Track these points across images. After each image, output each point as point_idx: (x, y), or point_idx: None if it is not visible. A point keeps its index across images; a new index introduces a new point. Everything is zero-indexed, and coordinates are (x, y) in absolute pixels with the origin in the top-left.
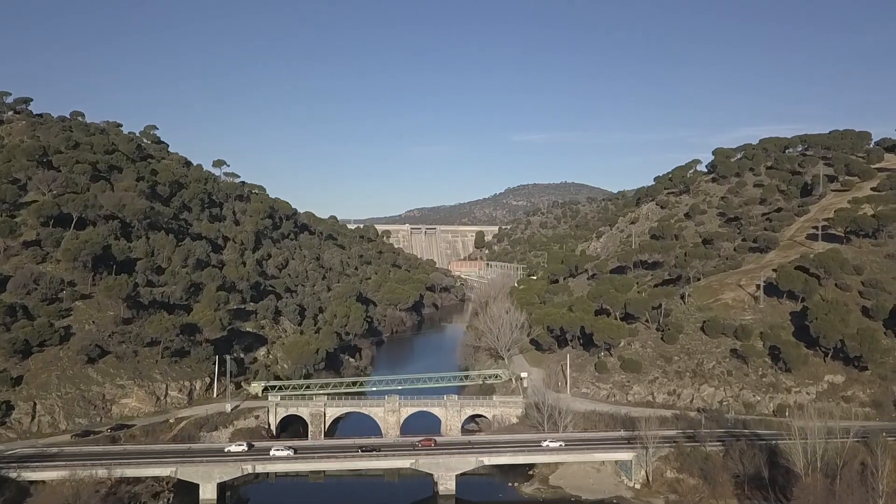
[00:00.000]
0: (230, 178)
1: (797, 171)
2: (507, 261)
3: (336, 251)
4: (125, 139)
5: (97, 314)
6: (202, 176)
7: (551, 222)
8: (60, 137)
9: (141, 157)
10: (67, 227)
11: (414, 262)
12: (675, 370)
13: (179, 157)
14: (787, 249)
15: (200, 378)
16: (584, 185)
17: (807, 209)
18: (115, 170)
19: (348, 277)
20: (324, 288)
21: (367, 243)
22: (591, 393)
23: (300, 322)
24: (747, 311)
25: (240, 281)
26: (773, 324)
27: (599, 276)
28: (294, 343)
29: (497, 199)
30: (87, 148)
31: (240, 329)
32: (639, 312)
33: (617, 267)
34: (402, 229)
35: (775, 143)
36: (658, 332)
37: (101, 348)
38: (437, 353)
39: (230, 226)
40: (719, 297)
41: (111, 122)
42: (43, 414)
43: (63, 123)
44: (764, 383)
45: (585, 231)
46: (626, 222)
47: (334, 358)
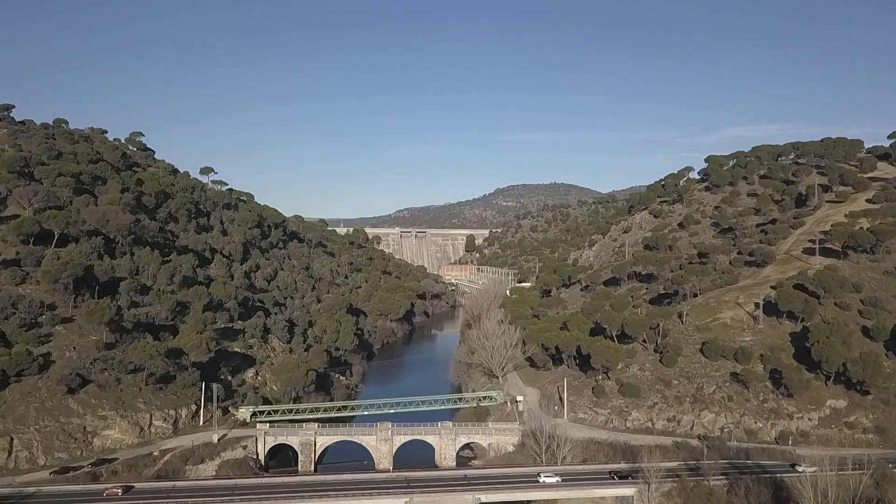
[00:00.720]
0: (218, 186)
1: (791, 180)
2: (498, 265)
3: (326, 259)
4: (110, 147)
5: (78, 339)
6: (189, 185)
7: (542, 226)
8: (43, 147)
9: (126, 165)
10: (49, 244)
11: (404, 268)
12: (675, 395)
13: (166, 165)
14: (784, 264)
15: (186, 405)
16: (574, 186)
17: (802, 221)
18: (99, 181)
19: (338, 287)
20: (313, 300)
21: (357, 249)
22: (589, 418)
23: (289, 339)
24: (746, 331)
25: (227, 299)
26: (773, 345)
27: (593, 288)
28: (283, 365)
29: (486, 200)
30: (70, 158)
31: (227, 349)
32: (636, 333)
33: (611, 278)
34: (391, 233)
35: (768, 151)
36: (656, 353)
37: (82, 377)
38: (428, 365)
39: (217, 236)
40: (717, 317)
41: (96, 129)
42: (20, 449)
43: (46, 131)
44: (765, 409)
45: (576, 236)
46: (618, 231)
47: (324, 378)
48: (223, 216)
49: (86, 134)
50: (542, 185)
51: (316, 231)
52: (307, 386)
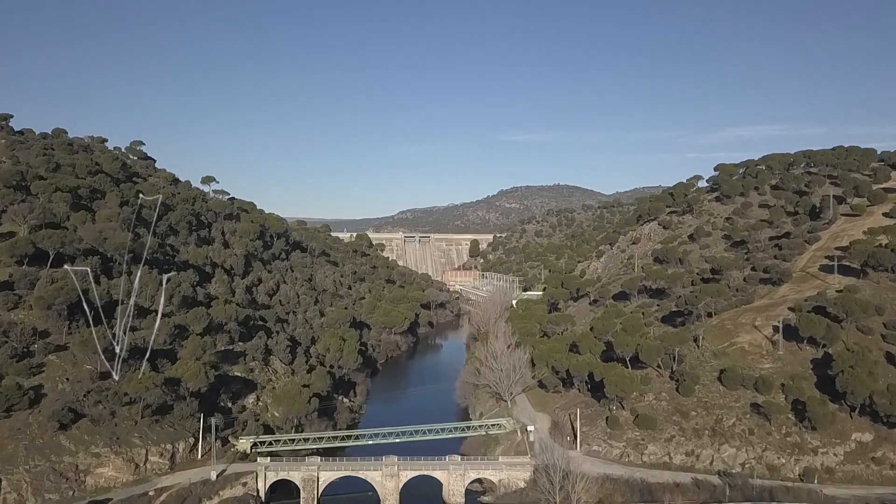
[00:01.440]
0: (219, 196)
1: (803, 191)
2: (503, 271)
3: (329, 269)
4: (109, 158)
5: (72, 369)
6: (190, 195)
7: (546, 230)
8: (41, 159)
9: (126, 175)
10: (44, 264)
11: (408, 276)
12: (693, 427)
13: (167, 175)
14: (801, 282)
15: (184, 438)
16: (577, 188)
17: (818, 236)
18: (98, 194)
19: (341, 299)
20: (316, 313)
21: (360, 258)
22: (603, 451)
23: (292, 360)
24: (766, 357)
25: (227, 321)
26: (794, 373)
27: (602, 303)
28: (285, 392)
29: (490, 202)
30: (68, 170)
31: (227, 373)
32: (651, 360)
33: (620, 292)
34: (395, 238)
35: (779, 161)
36: (672, 380)
37: (75, 411)
38: (433, 382)
39: (219, 249)
40: (734, 341)
41: (96, 138)
42: (9, 491)
43: (45, 141)
44: (788, 443)
45: (581, 242)
46: (627, 241)
47: (327, 401)
48: (224, 227)
49: (85, 143)
50: (545, 187)
51: (319, 240)
52: (309, 413)
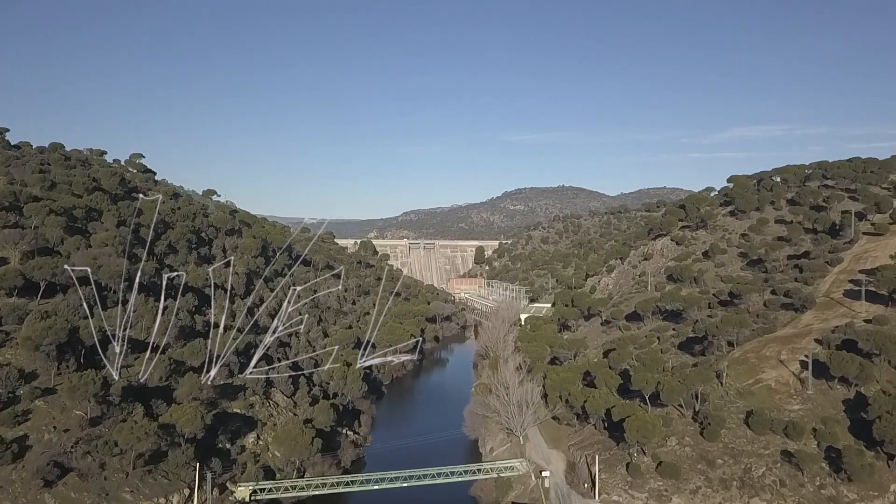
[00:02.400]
0: (221, 211)
1: (821, 205)
2: (509, 279)
3: (332, 283)
4: (108, 173)
5: (60, 416)
6: (190, 212)
7: (553, 237)
8: (36, 176)
9: (126, 191)
10: (35, 295)
11: (413, 288)
12: (720, 477)
13: (167, 188)
14: (826, 309)
15: (179, 490)
16: (582, 189)
17: (840, 257)
18: (94, 213)
19: (345, 316)
20: (320, 334)
21: (364, 269)
22: (624, 502)
23: (294, 392)
24: (794, 397)
25: (226, 354)
26: (825, 416)
27: (614, 324)
28: (286, 433)
29: (494, 204)
30: (65, 188)
31: (226, 410)
32: (672, 400)
33: (633, 312)
34: (400, 244)
35: (794, 173)
36: (695, 422)
37: (62, 466)
38: (441, 405)
39: (219, 269)
40: (760, 378)
41: (95, 150)
42: None
43: (42, 156)
44: (823, 497)
45: (588, 250)
46: (638, 256)
47: (331, 437)
48: (226, 243)
49: (84, 156)
50: (549, 189)
51: (322, 251)
52: (312, 454)
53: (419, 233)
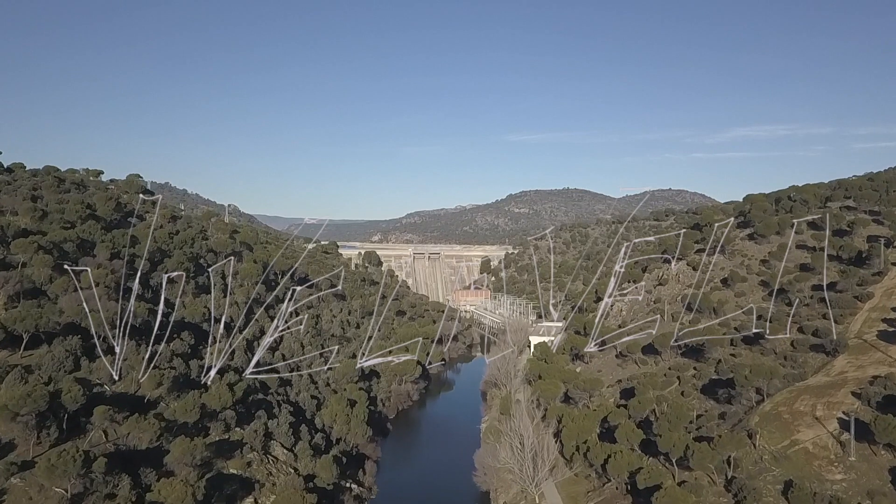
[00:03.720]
0: (221, 234)
1: (844, 230)
2: (515, 291)
3: (336, 306)
4: (103, 198)
5: (38, 496)
6: (189, 236)
7: (559, 247)
8: (27, 206)
9: (122, 216)
10: (18, 346)
11: (419, 306)
12: None
13: (165, 210)
14: (860, 354)
15: None
16: (587, 192)
17: (870, 292)
18: (87, 245)
19: (349, 342)
20: (322, 366)
21: (369, 286)
22: None
23: (294, 442)
24: (835, 465)
25: (223, 408)
26: (871, 488)
27: (631, 358)
28: (286, 499)
29: (499, 207)
30: (56, 217)
31: (221, 472)
32: (703, 467)
33: (650, 345)
34: (404, 254)
35: (814, 193)
36: (727, 492)
37: None
38: (449, 441)
39: (219, 298)
40: (796, 439)
41: (91, 171)
42: None
43: (34, 180)
44: None
45: (597, 262)
46: (652, 281)
47: (334, 495)
48: (225, 269)
49: (79, 179)
50: (554, 191)
51: (326, 267)
52: None
53: (423, 236)
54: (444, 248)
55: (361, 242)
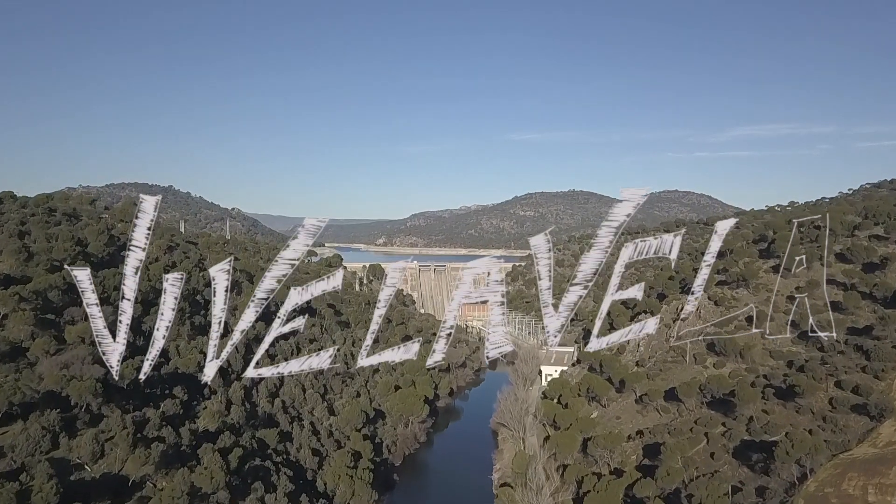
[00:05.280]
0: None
1: (875, 263)
2: (523, 307)
3: (339, 335)
4: (94, 231)
5: None
6: (186, 268)
7: (568, 259)
8: (12, 247)
9: (116, 249)
10: None
11: (426, 329)
12: None
13: (161, 242)
14: None
15: None
16: (592, 194)
17: None
18: (75, 291)
19: (353, 380)
20: (325, 412)
21: (374, 309)
22: None
23: None
24: None
25: (216, 489)
26: None
27: (651, 405)
28: None
29: (504, 210)
30: (44, 258)
31: None
32: None
33: (671, 390)
34: (409, 267)
35: (840, 220)
36: None
37: None
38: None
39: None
40: None
41: (85, 196)
42: None
43: (24, 211)
44: None
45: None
46: (670, 314)
47: None
48: None
49: (71, 208)
50: (560, 193)
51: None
52: None
53: (428, 240)
54: (449, 253)
55: (366, 245)
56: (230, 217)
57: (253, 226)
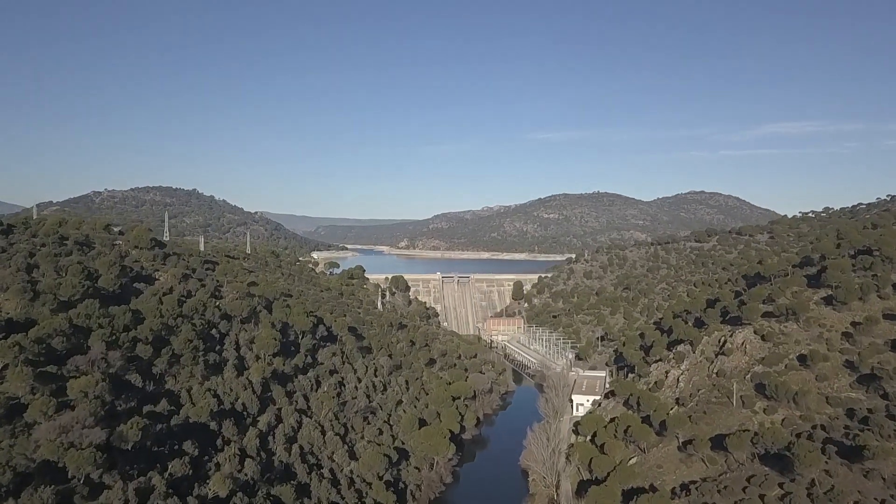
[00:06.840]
0: (236, 296)
1: None
2: (550, 322)
3: (360, 363)
4: (105, 263)
5: None
6: (200, 302)
7: (596, 271)
8: (17, 286)
9: (129, 280)
10: None
11: (450, 353)
12: None
13: (175, 271)
14: None
15: None
16: (617, 196)
17: None
18: (81, 334)
19: (375, 416)
20: (345, 458)
21: (397, 331)
22: None
23: None
24: None
25: None
26: None
27: (697, 455)
28: None
29: (527, 212)
30: (50, 297)
31: None
32: None
33: (717, 437)
34: (433, 279)
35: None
36: None
37: None
38: None
39: (231, 377)
40: None
41: (100, 222)
42: None
43: (34, 241)
44: None
45: (637, 293)
46: (712, 345)
47: None
48: (240, 338)
49: (83, 237)
50: (584, 195)
51: (351, 308)
52: None
53: (450, 242)
54: (472, 257)
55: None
56: (253, 221)
57: (276, 230)
